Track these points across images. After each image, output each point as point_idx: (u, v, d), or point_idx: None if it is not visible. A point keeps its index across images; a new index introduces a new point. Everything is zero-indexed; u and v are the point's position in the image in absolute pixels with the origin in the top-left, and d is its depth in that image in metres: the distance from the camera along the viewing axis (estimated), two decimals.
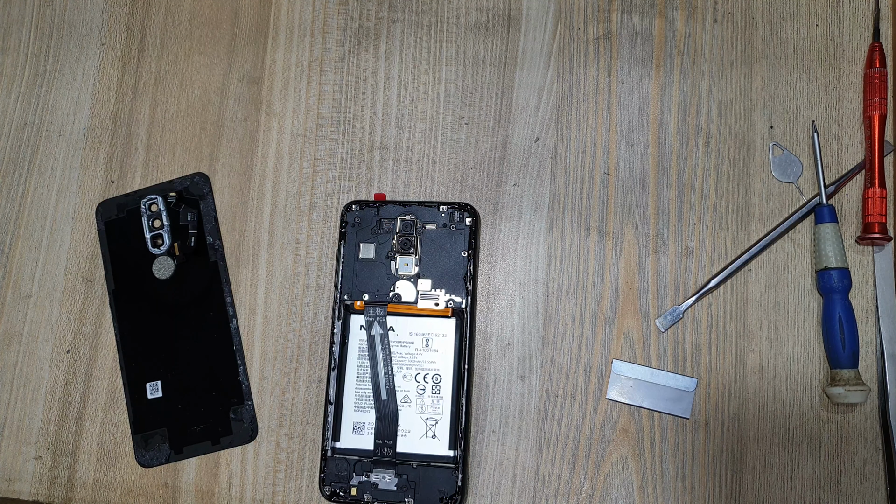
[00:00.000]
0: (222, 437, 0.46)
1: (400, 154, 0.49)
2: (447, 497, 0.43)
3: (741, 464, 0.44)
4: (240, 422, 0.46)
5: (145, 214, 0.49)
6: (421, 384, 0.45)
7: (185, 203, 0.49)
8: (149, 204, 0.49)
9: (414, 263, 0.46)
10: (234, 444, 0.46)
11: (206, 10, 0.52)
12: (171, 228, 0.48)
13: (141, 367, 0.48)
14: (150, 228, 0.48)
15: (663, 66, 0.48)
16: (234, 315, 0.48)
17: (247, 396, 0.47)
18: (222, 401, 0.47)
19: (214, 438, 0.46)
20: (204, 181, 0.49)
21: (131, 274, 0.49)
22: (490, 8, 0.50)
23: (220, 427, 0.46)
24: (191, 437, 0.47)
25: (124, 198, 0.50)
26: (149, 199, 0.49)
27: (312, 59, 0.51)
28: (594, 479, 0.44)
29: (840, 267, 0.44)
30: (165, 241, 0.48)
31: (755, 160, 0.47)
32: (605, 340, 0.46)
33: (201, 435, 0.47)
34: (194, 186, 0.49)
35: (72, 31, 0.53)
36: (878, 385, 0.44)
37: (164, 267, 0.48)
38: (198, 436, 0.47)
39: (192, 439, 0.46)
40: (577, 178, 0.48)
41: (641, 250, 0.46)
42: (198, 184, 0.49)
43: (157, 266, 0.48)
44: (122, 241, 0.49)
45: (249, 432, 0.46)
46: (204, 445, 0.46)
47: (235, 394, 0.47)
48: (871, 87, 0.46)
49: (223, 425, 0.46)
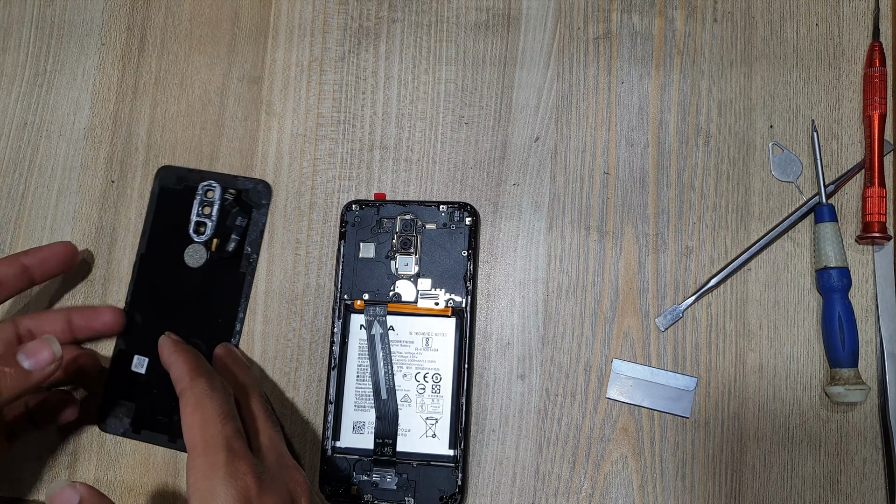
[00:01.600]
0: (181, 437, 0.43)
1: (400, 154, 0.49)
2: (447, 496, 0.43)
3: (741, 463, 0.44)
4: None
5: (199, 197, 0.48)
6: (421, 383, 0.45)
7: (240, 205, 0.48)
8: (206, 189, 0.48)
9: (414, 263, 0.46)
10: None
11: (206, 10, 0.53)
12: (218, 223, 0.48)
13: (137, 338, 0.47)
14: (199, 214, 0.48)
15: (663, 66, 0.48)
16: (240, 332, 0.47)
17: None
18: None
19: (173, 436, 0.46)
20: (266, 191, 0.49)
21: (163, 247, 0.48)
22: (490, 8, 0.50)
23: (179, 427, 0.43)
24: (154, 424, 0.46)
25: (188, 172, 0.49)
26: (207, 185, 0.48)
27: (312, 59, 0.51)
28: (594, 479, 0.44)
29: (840, 266, 0.44)
30: (207, 232, 0.48)
31: (755, 160, 0.47)
32: (604, 340, 0.46)
33: (164, 427, 0.46)
34: (255, 192, 0.49)
35: (72, 31, 0.53)
36: (877, 384, 0.44)
37: (197, 255, 0.47)
38: (160, 426, 0.46)
39: (154, 426, 0.46)
40: (576, 177, 0.48)
41: (641, 250, 0.46)
42: (260, 192, 0.49)
43: (191, 252, 0.47)
44: (168, 212, 0.49)
45: None
46: (160, 438, 0.46)
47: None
48: (870, 87, 0.46)
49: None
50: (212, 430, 0.35)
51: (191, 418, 0.35)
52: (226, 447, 0.34)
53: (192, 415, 0.35)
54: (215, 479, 0.33)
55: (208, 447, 0.34)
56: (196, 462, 0.34)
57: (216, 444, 0.34)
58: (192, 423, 0.35)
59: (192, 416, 0.35)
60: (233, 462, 0.34)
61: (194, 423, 0.35)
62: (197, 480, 0.33)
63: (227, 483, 0.33)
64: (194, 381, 0.37)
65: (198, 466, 0.34)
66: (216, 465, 0.33)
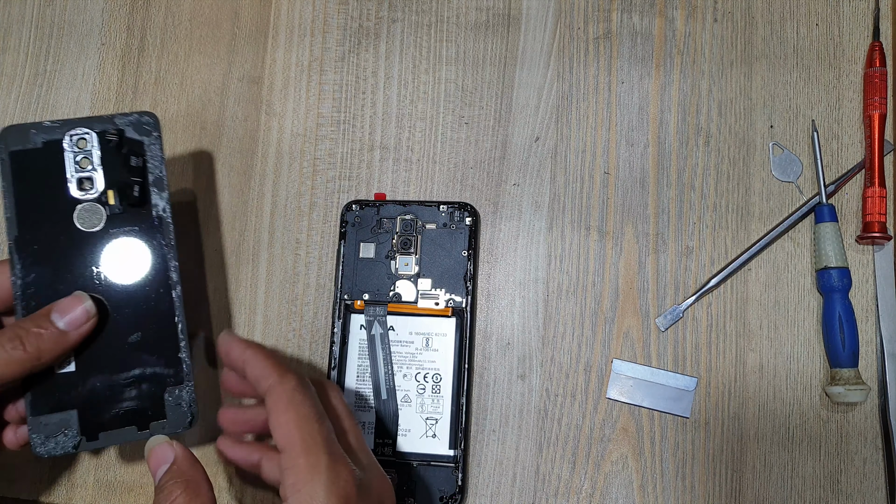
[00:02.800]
0: (153, 421, 0.39)
1: (400, 154, 0.49)
2: (447, 496, 0.43)
3: (741, 463, 0.44)
4: (177, 406, 0.39)
5: (70, 150, 0.39)
6: (421, 383, 0.45)
7: (129, 144, 0.40)
8: (76, 139, 0.39)
9: (414, 263, 0.46)
10: (167, 430, 0.39)
11: (206, 10, 0.53)
12: (106, 172, 0.39)
13: None
14: (77, 169, 0.39)
15: (663, 66, 0.48)
16: (178, 282, 0.39)
17: (187, 377, 0.39)
18: (156, 380, 0.39)
19: (142, 423, 0.39)
20: (152, 121, 0.40)
21: (43, 220, 0.39)
22: (490, 8, 0.50)
23: (150, 410, 0.39)
24: (110, 420, 0.38)
25: (44, 127, 0.39)
26: (77, 134, 0.39)
27: (312, 59, 0.51)
28: (594, 479, 0.44)
29: (840, 266, 0.44)
30: (96, 186, 0.39)
31: (755, 159, 0.47)
32: (605, 340, 0.46)
33: (124, 418, 0.38)
34: (139, 127, 0.40)
35: (72, 31, 0.53)
36: (878, 384, 0.44)
37: (92, 216, 0.39)
38: (119, 419, 0.38)
39: (111, 423, 0.38)
40: (577, 177, 0.48)
41: (641, 250, 0.46)
42: (144, 123, 0.40)
43: (82, 214, 0.39)
44: (34, 179, 0.39)
45: (188, 418, 0.39)
46: (127, 431, 0.38)
47: (173, 373, 0.39)
48: (870, 87, 0.46)
49: (155, 408, 0.39)
50: (309, 430, 0.33)
51: (284, 417, 0.33)
52: (326, 449, 0.33)
53: (286, 413, 0.33)
54: (317, 483, 0.32)
55: (308, 448, 0.33)
56: (296, 462, 0.32)
57: (316, 445, 0.33)
58: (286, 421, 0.33)
59: (286, 414, 0.33)
60: (335, 466, 0.33)
61: (289, 422, 0.33)
62: (297, 482, 0.32)
63: (329, 487, 0.32)
64: (283, 379, 0.35)
65: (299, 467, 0.32)
66: (318, 468, 0.32)
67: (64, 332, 0.35)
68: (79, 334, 0.36)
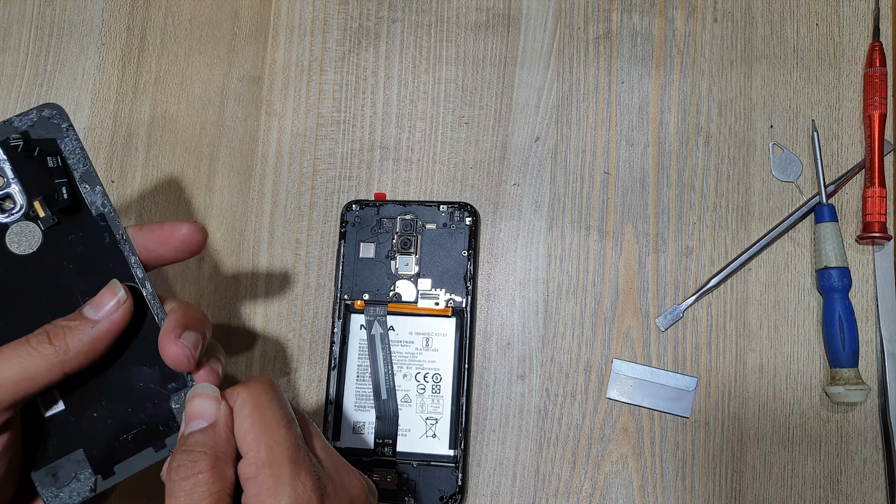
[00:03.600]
0: (168, 436, 0.34)
1: (400, 154, 0.49)
2: (447, 496, 0.43)
3: (741, 463, 0.44)
4: None
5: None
6: (421, 383, 0.45)
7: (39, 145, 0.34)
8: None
9: (414, 263, 0.46)
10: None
11: (206, 10, 0.52)
12: (24, 182, 0.34)
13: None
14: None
15: (663, 66, 0.48)
16: (146, 277, 0.34)
17: (189, 378, 0.34)
18: (157, 392, 0.34)
19: (157, 442, 0.34)
20: (58, 113, 0.35)
21: None
22: (490, 8, 0.50)
23: (161, 426, 0.34)
24: (122, 450, 0.34)
25: None
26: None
27: (312, 59, 0.51)
28: (594, 479, 0.44)
29: (840, 266, 0.44)
30: (18, 202, 0.34)
31: (755, 159, 0.47)
32: (605, 340, 0.46)
33: (137, 443, 0.34)
34: (45, 123, 0.35)
35: (72, 31, 0.53)
36: (878, 384, 0.44)
37: (26, 237, 0.34)
38: (131, 446, 0.34)
39: (124, 453, 0.34)
40: (577, 177, 0.48)
41: (641, 250, 0.46)
42: (51, 118, 0.35)
43: (13, 237, 0.34)
44: None
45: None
46: (144, 455, 0.34)
47: (172, 377, 0.34)
48: (871, 87, 0.46)
49: (167, 422, 0.34)
50: (276, 438, 0.31)
51: (249, 422, 0.31)
52: (290, 458, 0.31)
53: (251, 418, 0.31)
54: (281, 496, 0.30)
55: (273, 457, 0.31)
56: (260, 472, 0.31)
57: (281, 454, 0.31)
58: (249, 428, 0.31)
59: (251, 419, 0.31)
60: (298, 475, 0.31)
61: (253, 429, 0.31)
62: (260, 493, 0.30)
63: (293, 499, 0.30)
64: (249, 382, 0.33)
65: (262, 477, 0.30)
66: (281, 479, 0.30)
67: (93, 322, 0.32)
68: (110, 322, 0.32)
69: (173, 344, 0.33)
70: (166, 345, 0.33)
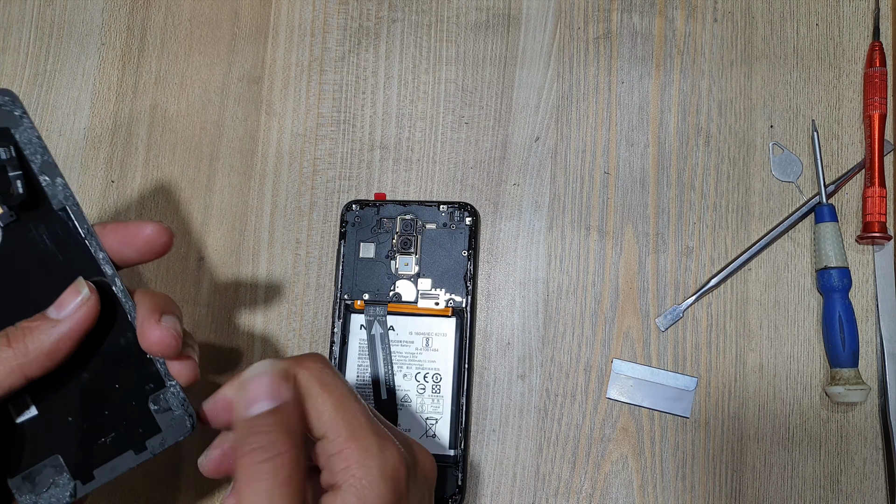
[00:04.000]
0: (148, 438, 0.33)
1: (400, 153, 0.49)
2: (447, 496, 0.43)
3: (741, 463, 0.44)
4: (167, 412, 0.33)
5: None
6: (421, 383, 0.45)
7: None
8: None
9: (414, 263, 0.46)
10: (167, 443, 0.33)
11: (206, 10, 0.53)
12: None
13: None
14: None
15: (663, 66, 0.48)
16: (115, 273, 0.33)
17: (166, 376, 0.33)
18: (133, 393, 0.33)
19: (138, 444, 0.33)
20: (10, 101, 0.33)
21: None
22: (490, 7, 0.50)
23: (141, 428, 0.33)
24: (100, 454, 0.33)
25: None
26: None
27: (312, 59, 0.51)
28: (594, 479, 0.44)
29: (840, 266, 0.44)
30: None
31: (755, 159, 0.47)
32: (605, 340, 0.46)
33: (116, 446, 0.33)
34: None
35: (72, 31, 0.53)
36: (878, 384, 0.44)
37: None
38: (110, 449, 0.33)
39: (103, 457, 0.33)
40: (577, 177, 0.48)
41: (641, 250, 0.46)
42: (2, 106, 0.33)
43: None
44: None
45: (186, 420, 0.33)
46: (125, 458, 0.33)
47: (150, 378, 0.33)
48: (871, 87, 0.46)
49: (146, 424, 0.33)
50: (352, 412, 0.31)
51: (321, 400, 0.30)
52: (372, 430, 0.31)
53: (321, 396, 0.30)
54: (371, 467, 0.30)
55: (355, 431, 0.30)
56: (346, 447, 0.30)
57: (362, 427, 0.30)
58: (324, 406, 0.30)
59: (322, 397, 0.30)
60: (384, 447, 0.30)
61: (328, 407, 0.30)
62: (350, 466, 0.30)
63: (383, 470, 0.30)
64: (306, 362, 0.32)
65: (349, 451, 0.30)
66: (369, 451, 0.30)
67: (55, 322, 0.31)
68: (74, 322, 0.31)
69: (156, 328, 0.32)
70: (148, 331, 0.32)
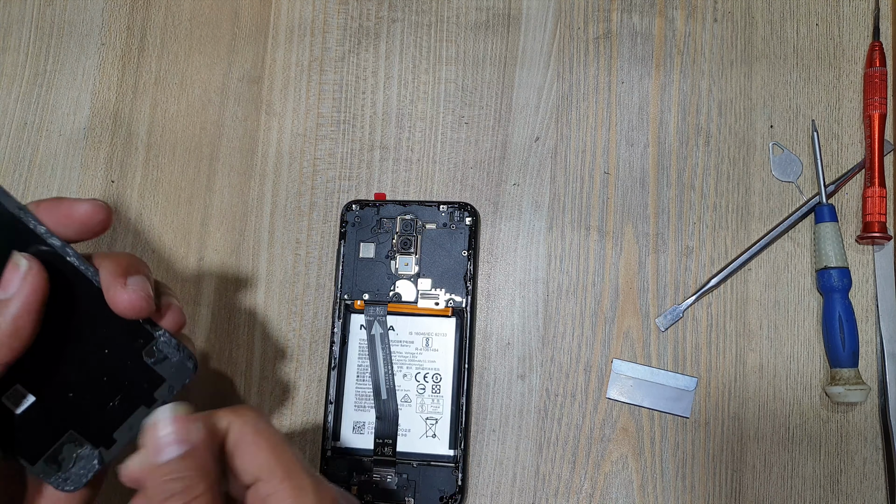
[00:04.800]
0: (155, 390, 0.33)
1: (400, 153, 0.49)
2: (447, 496, 0.43)
3: (741, 463, 0.44)
4: (164, 360, 0.33)
5: None
6: (421, 383, 0.45)
7: None
8: None
9: (414, 263, 0.46)
10: (175, 389, 0.33)
11: (206, 9, 0.53)
12: None
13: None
14: None
15: (663, 66, 0.48)
16: (65, 245, 0.32)
17: (153, 327, 0.33)
18: (125, 352, 0.33)
19: (147, 398, 0.33)
20: None
21: None
22: (490, 7, 0.50)
23: (144, 383, 0.33)
24: (113, 417, 0.33)
25: None
26: None
27: (312, 59, 0.51)
28: (594, 479, 0.44)
29: (840, 266, 0.44)
30: None
31: (755, 159, 0.47)
32: (605, 340, 0.46)
33: (126, 406, 0.33)
34: None
35: (72, 31, 0.53)
36: (878, 384, 0.44)
37: None
38: (121, 410, 0.33)
39: (117, 419, 0.33)
40: (577, 177, 0.48)
41: (641, 250, 0.46)
42: None
43: None
44: None
45: (186, 363, 0.33)
46: (139, 414, 0.33)
47: (136, 333, 0.33)
48: (871, 87, 0.46)
49: (147, 378, 0.33)
50: (287, 455, 0.31)
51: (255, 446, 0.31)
52: (306, 471, 0.32)
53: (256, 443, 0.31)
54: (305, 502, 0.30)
55: (290, 472, 0.31)
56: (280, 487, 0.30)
57: (297, 469, 0.31)
58: (259, 450, 0.31)
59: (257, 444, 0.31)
60: (319, 486, 0.31)
61: (263, 451, 0.31)
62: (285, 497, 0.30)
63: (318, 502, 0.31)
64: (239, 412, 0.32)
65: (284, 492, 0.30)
66: (305, 490, 0.31)
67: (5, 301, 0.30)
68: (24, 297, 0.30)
69: (122, 292, 0.31)
70: (115, 297, 0.31)
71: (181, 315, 0.34)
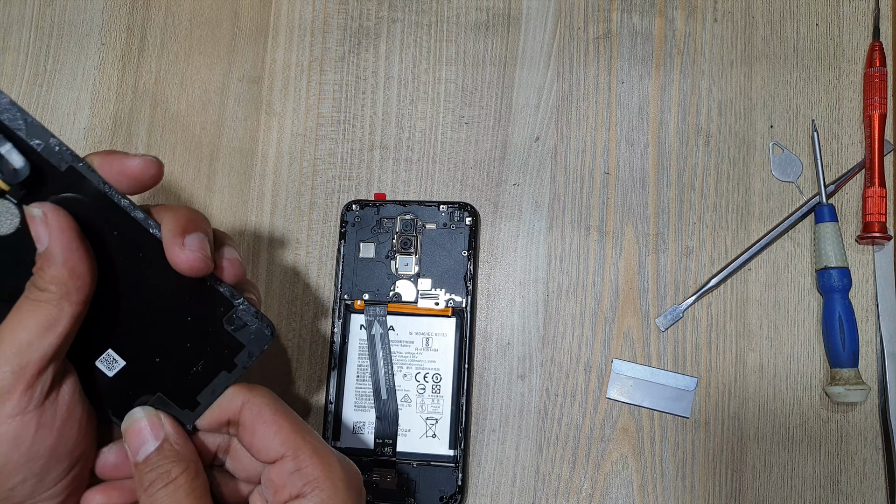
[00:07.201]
0: (235, 356, 0.34)
1: (400, 154, 0.49)
2: (447, 496, 0.43)
3: (741, 463, 0.44)
4: (244, 328, 0.34)
5: None
6: (421, 383, 0.45)
7: None
8: None
9: (414, 263, 0.46)
10: (255, 355, 0.35)
11: (206, 10, 0.53)
12: None
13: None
14: None
15: (663, 66, 0.48)
16: (148, 218, 0.33)
17: (232, 296, 0.34)
18: (206, 320, 0.34)
19: (228, 364, 0.34)
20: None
21: None
22: (490, 7, 0.50)
23: (225, 349, 0.34)
24: (197, 382, 0.34)
25: None
26: None
27: (312, 59, 0.51)
28: (594, 479, 0.44)
29: (840, 266, 0.44)
30: None
31: (755, 159, 0.47)
32: (605, 340, 0.46)
33: (208, 371, 0.34)
34: None
35: (72, 31, 0.53)
36: (878, 384, 0.44)
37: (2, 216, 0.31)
38: (203, 376, 0.34)
39: (200, 384, 0.34)
40: (577, 177, 0.48)
41: (641, 250, 0.46)
42: None
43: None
44: None
45: (265, 330, 0.34)
46: (220, 379, 0.34)
47: (217, 302, 0.34)
48: (871, 87, 0.46)
49: (228, 344, 0.34)
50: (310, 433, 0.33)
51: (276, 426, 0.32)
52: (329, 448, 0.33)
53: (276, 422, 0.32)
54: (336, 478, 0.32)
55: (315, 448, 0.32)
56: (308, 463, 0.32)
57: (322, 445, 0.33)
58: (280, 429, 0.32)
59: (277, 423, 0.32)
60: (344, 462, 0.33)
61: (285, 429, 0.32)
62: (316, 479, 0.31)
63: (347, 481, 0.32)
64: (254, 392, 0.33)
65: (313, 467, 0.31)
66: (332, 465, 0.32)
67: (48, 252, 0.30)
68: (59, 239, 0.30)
69: (181, 252, 0.32)
70: (175, 256, 0.32)
71: (241, 268, 0.35)
